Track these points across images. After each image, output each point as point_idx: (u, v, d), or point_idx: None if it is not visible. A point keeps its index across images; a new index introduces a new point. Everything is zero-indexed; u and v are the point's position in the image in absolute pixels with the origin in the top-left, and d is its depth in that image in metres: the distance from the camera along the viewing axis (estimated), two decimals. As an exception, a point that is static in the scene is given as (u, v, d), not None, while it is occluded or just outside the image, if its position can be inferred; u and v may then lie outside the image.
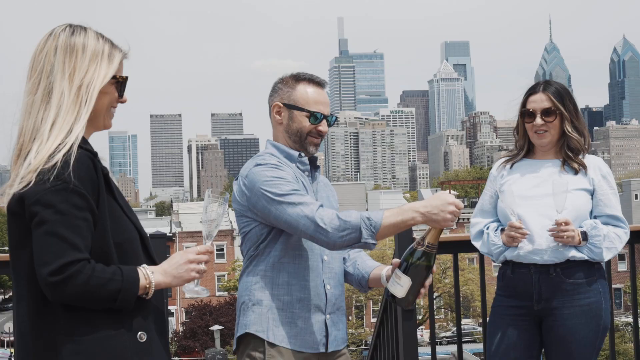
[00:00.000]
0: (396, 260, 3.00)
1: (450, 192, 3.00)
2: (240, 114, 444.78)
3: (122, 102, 2.58)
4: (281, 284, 3.21)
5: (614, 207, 3.88)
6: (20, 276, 2.39)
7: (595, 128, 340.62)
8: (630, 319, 43.63)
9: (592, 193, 3.88)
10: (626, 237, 3.87)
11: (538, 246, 3.80)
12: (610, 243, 3.80)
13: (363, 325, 51.63)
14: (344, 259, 3.44)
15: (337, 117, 3.45)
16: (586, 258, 3.80)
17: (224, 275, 58.32)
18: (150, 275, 2.40)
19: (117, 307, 2.34)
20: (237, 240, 60.44)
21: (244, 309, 3.25)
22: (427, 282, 2.98)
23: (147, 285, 2.39)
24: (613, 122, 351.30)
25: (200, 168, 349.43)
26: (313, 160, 3.41)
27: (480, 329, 48.64)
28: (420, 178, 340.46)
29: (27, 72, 2.47)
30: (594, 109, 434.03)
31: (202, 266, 2.51)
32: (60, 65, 2.42)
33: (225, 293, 53.08)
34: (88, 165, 2.38)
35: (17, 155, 2.41)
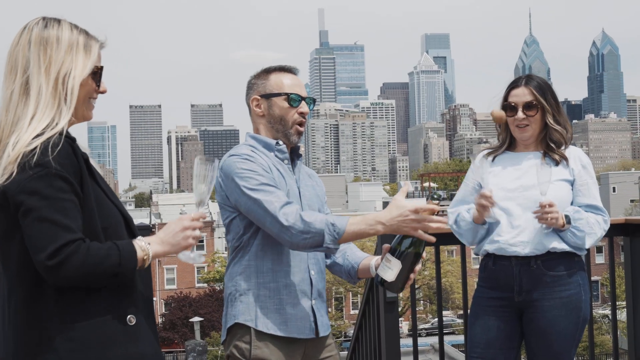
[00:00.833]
0: (387, 245, 3.02)
1: (405, 183, 3.00)
2: (220, 105, 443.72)
3: (101, 93, 2.56)
4: (266, 271, 3.23)
5: (593, 196, 3.92)
6: (10, 269, 2.39)
7: (574, 121, 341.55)
8: (607, 311, 43.96)
9: (572, 183, 3.92)
10: (606, 226, 3.91)
11: (520, 238, 3.85)
12: (590, 229, 3.83)
13: (343, 317, 51.70)
14: None
15: (315, 99, 3.48)
16: (568, 249, 3.85)
17: (203, 267, 58.16)
18: (147, 247, 2.43)
19: (118, 282, 2.37)
20: (217, 232, 60.34)
21: (232, 300, 3.27)
22: (417, 267, 3.00)
23: (145, 257, 2.42)
24: (592, 116, 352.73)
25: (180, 159, 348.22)
26: (295, 149, 3.44)
27: (459, 320, 48.80)
28: (400, 170, 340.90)
29: (4, 67, 2.46)
30: (573, 102, 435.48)
31: (197, 232, 2.53)
32: (35, 59, 2.41)
33: (205, 285, 52.97)
34: (67, 150, 2.37)
35: None
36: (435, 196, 2.92)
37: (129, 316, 2.42)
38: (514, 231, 3.86)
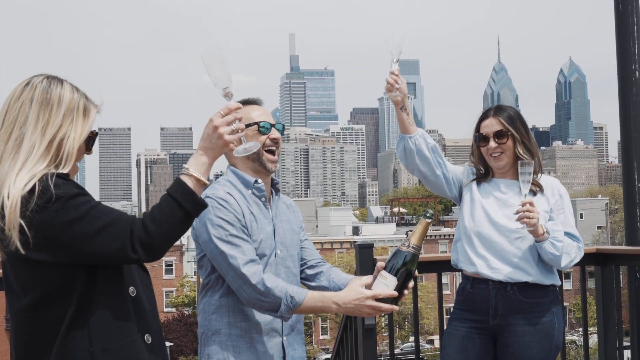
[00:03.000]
0: (381, 263, 3.07)
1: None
2: (190, 129, 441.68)
3: (88, 154, 2.63)
4: (237, 311, 3.28)
5: (570, 225, 4.03)
6: (51, 308, 2.44)
7: (542, 148, 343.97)
8: (574, 337, 44.29)
9: (549, 212, 4.02)
10: (581, 253, 4.01)
11: (497, 265, 3.95)
12: (568, 248, 3.93)
13: (312, 342, 51.56)
14: (317, 274, 3.52)
15: (284, 125, 3.51)
16: (543, 283, 3.95)
17: (172, 292, 57.79)
18: (192, 169, 2.47)
19: (196, 215, 2.44)
20: (186, 256, 59.98)
21: (205, 339, 3.33)
22: (410, 284, 3.06)
23: (197, 177, 2.47)
24: (559, 142, 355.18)
25: (149, 182, 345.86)
26: (274, 184, 3.48)
27: (428, 346, 48.77)
28: (369, 195, 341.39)
29: (1, 117, 2.50)
30: (541, 129, 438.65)
31: (233, 126, 2.53)
32: (34, 117, 2.46)
33: (173, 309, 52.59)
34: (62, 182, 2.43)
35: None
36: (427, 214, 3.02)
37: (146, 335, 2.53)
38: (492, 257, 3.96)
